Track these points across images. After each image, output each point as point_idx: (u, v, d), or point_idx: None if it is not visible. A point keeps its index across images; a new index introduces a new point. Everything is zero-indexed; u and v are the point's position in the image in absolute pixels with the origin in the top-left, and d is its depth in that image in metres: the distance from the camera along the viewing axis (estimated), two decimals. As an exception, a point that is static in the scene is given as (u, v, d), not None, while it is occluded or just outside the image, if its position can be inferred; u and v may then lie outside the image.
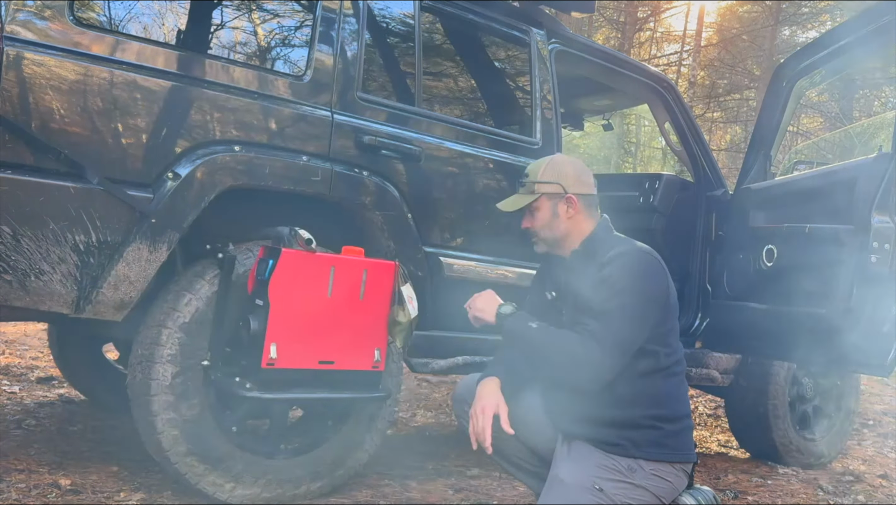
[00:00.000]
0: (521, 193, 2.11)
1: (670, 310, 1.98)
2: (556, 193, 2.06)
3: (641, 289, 1.92)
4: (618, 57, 3.60)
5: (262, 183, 2.31)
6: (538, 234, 2.09)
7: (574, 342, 1.89)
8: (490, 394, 2.01)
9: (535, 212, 2.08)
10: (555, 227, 2.06)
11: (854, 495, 3.36)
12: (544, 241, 2.10)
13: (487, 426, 1.95)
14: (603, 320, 1.87)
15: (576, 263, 2.06)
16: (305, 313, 2.21)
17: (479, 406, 1.99)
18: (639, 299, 1.90)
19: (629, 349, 1.89)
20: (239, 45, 2.44)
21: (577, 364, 1.88)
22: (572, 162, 2.14)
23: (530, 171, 2.11)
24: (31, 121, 1.95)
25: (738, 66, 15.36)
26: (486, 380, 2.06)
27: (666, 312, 1.96)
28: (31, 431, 2.97)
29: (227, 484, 2.28)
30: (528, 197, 2.08)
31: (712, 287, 3.68)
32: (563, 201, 2.06)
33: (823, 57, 3.26)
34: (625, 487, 1.89)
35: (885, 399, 6.08)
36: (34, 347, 4.96)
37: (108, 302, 2.12)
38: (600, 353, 1.85)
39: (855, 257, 2.70)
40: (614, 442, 1.92)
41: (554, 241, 2.08)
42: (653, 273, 1.96)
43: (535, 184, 2.07)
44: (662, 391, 1.96)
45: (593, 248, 2.03)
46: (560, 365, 1.92)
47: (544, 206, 2.07)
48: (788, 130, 5.05)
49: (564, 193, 2.06)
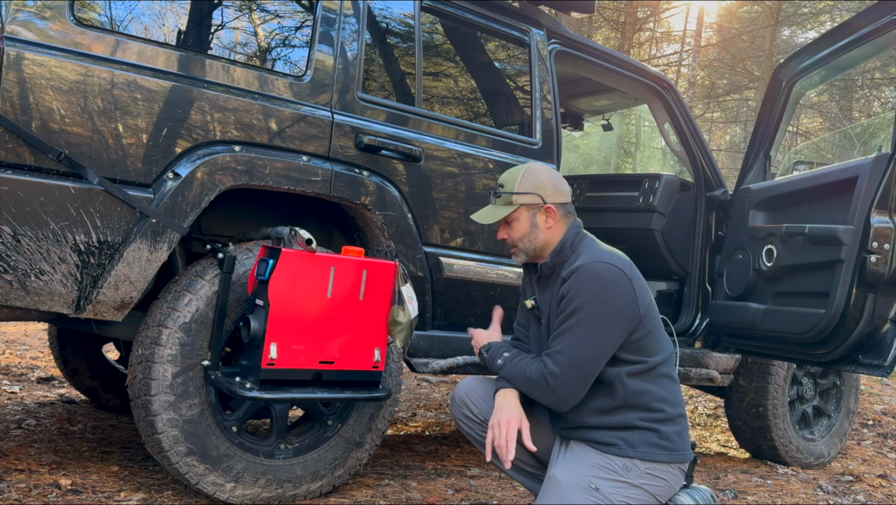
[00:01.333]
0: (498, 205, 2.07)
1: (642, 317, 1.93)
2: (534, 204, 2.04)
3: (598, 305, 1.88)
4: (617, 57, 3.60)
5: (262, 183, 2.31)
6: (517, 245, 2.08)
7: (534, 372, 1.95)
8: (513, 407, 1.97)
9: (514, 223, 2.05)
10: (534, 238, 2.05)
11: (853, 495, 3.36)
12: (524, 252, 2.08)
13: (512, 440, 1.91)
14: (561, 343, 1.90)
15: (544, 274, 2.08)
16: (305, 313, 2.22)
17: (502, 418, 1.94)
18: (595, 317, 1.88)
19: (590, 370, 1.90)
20: (239, 45, 2.44)
21: (541, 392, 1.94)
22: (548, 171, 2.10)
23: (506, 182, 2.07)
24: (31, 121, 1.95)
25: (737, 66, 15.36)
26: (505, 391, 2.02)
27: (632, 321, 1.91)
28: (31, 431, 2.98)
29: (227, 484, 2.28)
30: (505, 209, 2.04)
31: (712, 287, 3.69)
32: (541, 212, 2.04)
33: (823, 57, 3.27)
34: (620, 487, 1.89)
35: (884, 399, 6.08)
36: (34, 347, 4.96)
37: (109, 302, 2.12)
38: (559, 379, 1.89)
39: (854, 257, 2.70)
40: (610, 442, 1.93)
41: (533, 251, 2.07)
42: (610, 286, 1.90)
43: (512, 195, 2.04)
44: (655, 393, 1.95)
45: (560, 260, 2.03)
46: (530, 392, 1.98)
47: (523, 216, 2.05)
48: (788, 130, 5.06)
49: (543, 204, 2.04)
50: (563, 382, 1.88)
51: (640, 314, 1.92)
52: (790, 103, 3.50)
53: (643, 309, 1.94)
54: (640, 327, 1.93)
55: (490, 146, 2.92)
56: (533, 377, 1.94)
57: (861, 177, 2.75)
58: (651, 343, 1.97)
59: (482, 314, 2.81)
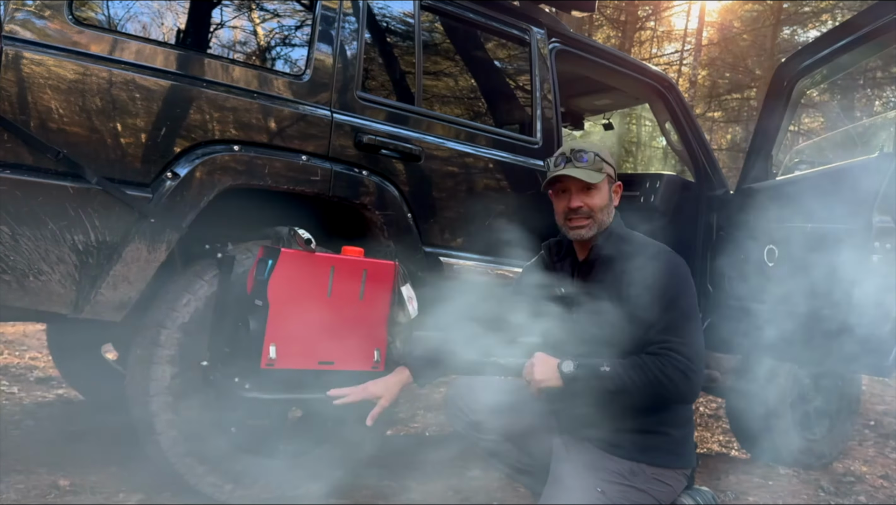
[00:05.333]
0: (586, 168, 1.96)
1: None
2: (612, 178, 2.03)
3: (692, 291, 1.92)
4: (618, 56, 3.59)
5: (261, 183, 2.30)
6: (595, 215, 1.98)
7: (659, 367, 1.81)
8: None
9: (597, 193, 1.99)
10: (610, 212, 2.01)
11: (855, 496, 3.35)
12: (598, 225, 1.99)
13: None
14: (680, 333, 1.83)
15: (592, 257, 2.02)
16: (305, 314, 2.21)
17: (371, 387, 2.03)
18: (692, 302, 1.90)
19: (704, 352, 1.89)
20: (238, 44, 2.43)
21: (673, 386, 1.80)
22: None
23: (590, 148, 1.99)
24: (29, 120, 1.94)
25: (738, 65, 15.35)
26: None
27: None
28: (30, 432, 2.97)
29: (226, 484, 2.27)
30: (598, 175, 1.97)
31: (713, 287, 3.68)
32: (615, 187, 2.05)
33: (824, 56, 3.26)
34: (626, 491, 1.88)
35: (886, 399, 6.07)
36: (33, 347, 4.95)
37: (107, 302, 2.11)
38: (695, 369, 1.81)
39: (856, 257, 2.69)
40: (618, 444, 1.92)
41: (603, 225, 2.00)
42: (687, 271, 1.95)
43: (602, 162, 1.98)
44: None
45: (611, 243, 1.99)
46: (654, 394, 1.84)
47: (605, 188, 2.01)
48: (789, 130, 5.04)
49: (616, 180, 2.05)
50: (698, 371, 1.83)
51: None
52: (792, 103, 3.49)
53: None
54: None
55: (490, 145, 2.91)
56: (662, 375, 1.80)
57: (863, 177, 2.74)
58: None
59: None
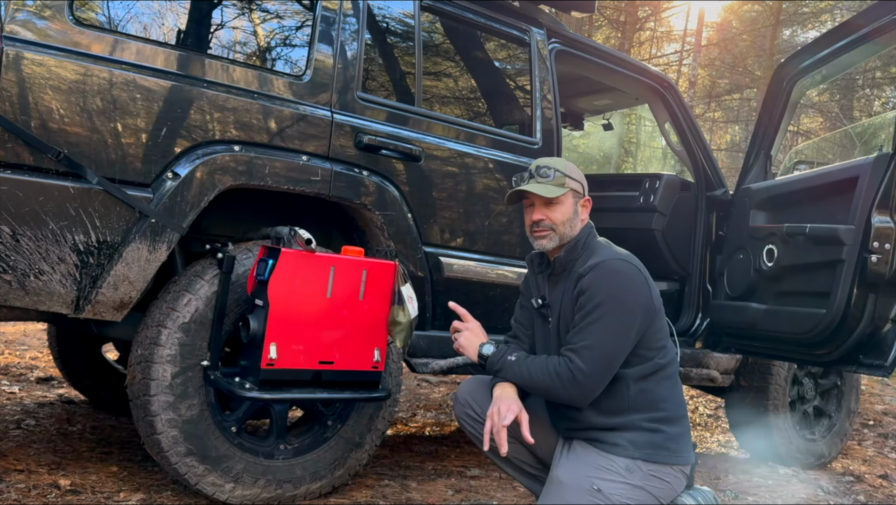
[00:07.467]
0: (546, 184, 2.03)
1: (655, 313, 1.97)
2: (578, 193, 2.07)
3: (621, 301, 1.90)
4: (618, 56, 3.59)
5: (261, 183, 2.30)
6: (556, 228, 2.03)
7: (555, 368, 1.91)
8: (511, 397, 1.95)
9: (559, 206, 2.03)
10: (573, 226, 2.05)
11: (854, 496, 3.36)
12: (559, 237, 2.04)
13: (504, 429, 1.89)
14: (586, 338, 1.89)
15: (556, 271, 2.07)
16: (305, 313, 2.21)
17: (502, 406, 1.92)
18: (618, 312, 1.89)
19: (613, 363, 1.90)
20: (238, 44, 2.43)
21: (566, 388, 1.90)
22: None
23: (554, 165, 2.05)
24: (30, 120, 1.94)
25: (738, 65, 15.35)
26: (503, 384, 2.01)
27: (650, 317, 1.94)
28: (30, 432, 2.97)
29: (226, 484, 2.27)
30: (559, 189, 2.03)
31: (713, 287, 3.69)
32: (581, 202, 2.08)
33: (824, 56, 3.26)
34: (623, 488, 1.88)
35: (885, 399, 6.07)
36: (34, 347, 4.96)
37: (108, 302, 2.12)
38: (587, 374, 1.87)
39: (855, 257, 2.70)
40: (614, 442, 1.93)
41: (566, 238, 2.05)
42: (629, 282, 1.93)
43: (565, 177, 2.04)
44: (660, 394, 1.96)
45: (573, 256, 2.03)
46: (547, 390, 1.95)
47: (568, 201, 2.05)
48: (789, 130, 5.06)
49: (583, 195, 2.08)
50: (590, 376, 1.87)
51: (655, 309, 1.97)
52: (791, 103, 3.50)
53: (657, 304, 1.98)
54: (655, 321, 1.97)
55: (490, 146, 2.92)
56: (555, 374, 1.90)
57: (862, 176, 2.74)
58: (662, 338, 1.99)
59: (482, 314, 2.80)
